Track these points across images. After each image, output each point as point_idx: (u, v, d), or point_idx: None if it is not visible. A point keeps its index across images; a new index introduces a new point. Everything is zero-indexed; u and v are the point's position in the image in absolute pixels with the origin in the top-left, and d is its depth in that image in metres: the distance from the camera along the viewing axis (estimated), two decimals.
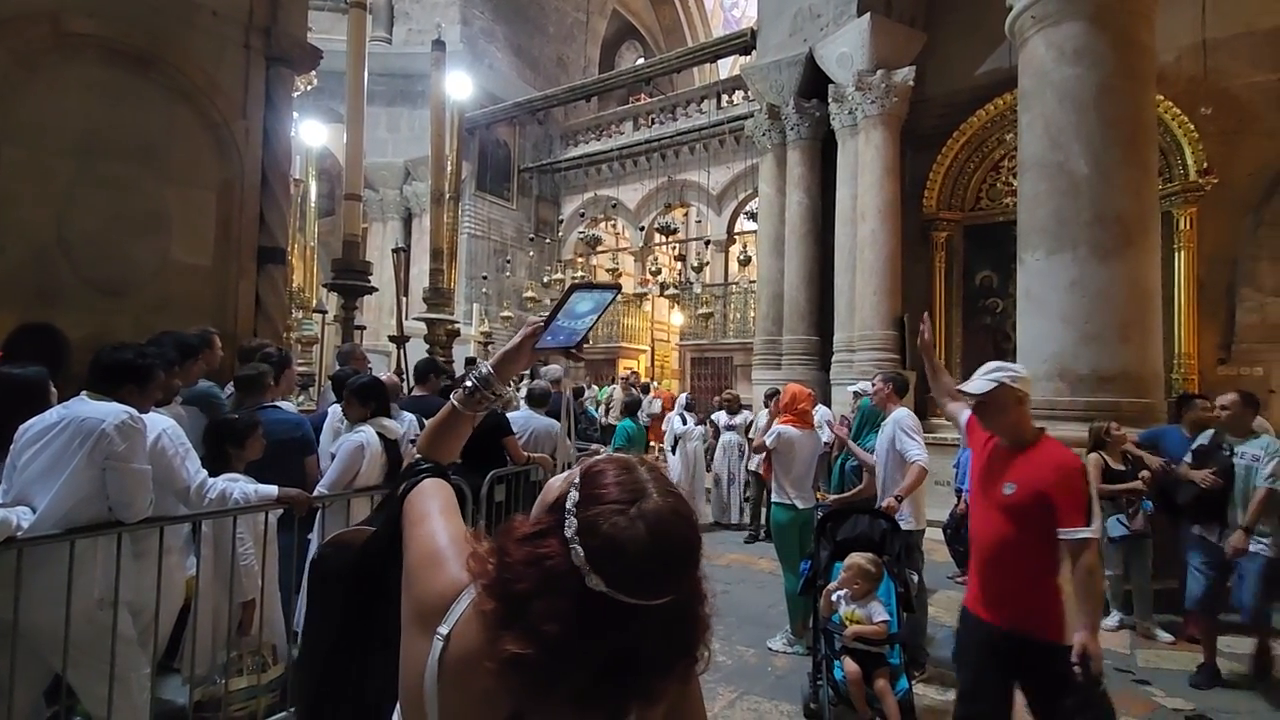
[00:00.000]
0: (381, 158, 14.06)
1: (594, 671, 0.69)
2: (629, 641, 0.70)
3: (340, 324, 6.36)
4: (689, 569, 0.73)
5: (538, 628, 0.69)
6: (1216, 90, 6.71)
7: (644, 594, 0.69)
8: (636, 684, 0.71)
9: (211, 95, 4.76)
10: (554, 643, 0.69)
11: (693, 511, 0.77)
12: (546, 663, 0.68)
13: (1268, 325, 6.94)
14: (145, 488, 2.24)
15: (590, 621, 0.69)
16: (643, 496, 0.73)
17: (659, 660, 0.72)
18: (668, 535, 0.71)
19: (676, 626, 0.73)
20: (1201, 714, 3.35)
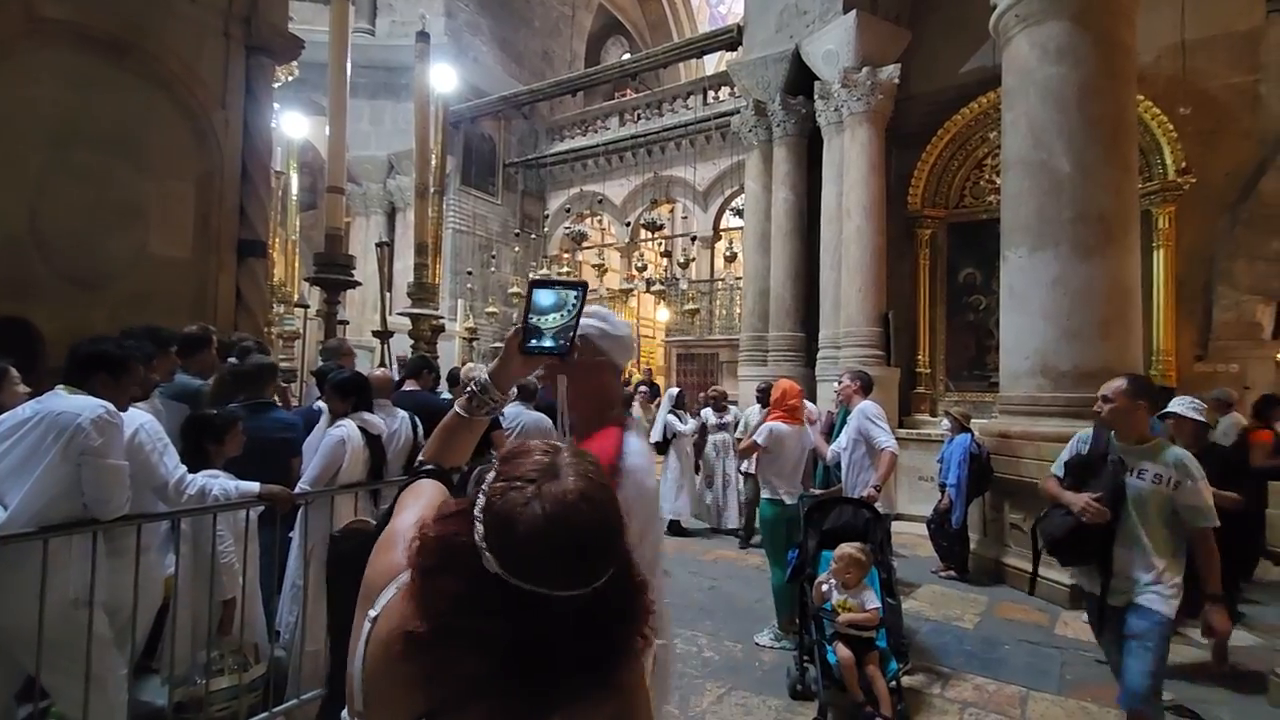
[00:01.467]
0: (364, 151, 13.88)
1: (495, 662, 0.65)
2: (533, 633, 0.65)
3: (323, 319, 6.27)
4: (593, 560, 0.67)
5: (434, 605, 0.67)
6: (1195, 91, 6.81)
7: (538, 580, 0.65)
8: (549, 684, 0.66)
9: (190, 85, 4.67)
10: (445, 621, 0.66)
11: (611, 502, 0.71)
12: (438, 643, 0.66)
13: (1243, 323, 7.08)
14: (122, 484, 2.18)
15: (484, 603, 0.65)
16: (551, 478, 0.69)
17: (576, 660, 0.67)
18: (566, 520, 0.66)
19: (596, 625, 0.68)
20: (1180, 704, 3.40)
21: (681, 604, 4.76)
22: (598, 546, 0.68)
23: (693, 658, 3.85)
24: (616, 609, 0.70)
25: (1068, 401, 5.21)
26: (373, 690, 0.75)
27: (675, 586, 5.17)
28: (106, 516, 2.15)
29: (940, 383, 8.46)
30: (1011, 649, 4.06)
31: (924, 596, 5.04)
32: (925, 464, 6.77)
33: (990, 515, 5.74)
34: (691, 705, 3.26)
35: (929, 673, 3.68)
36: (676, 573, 5.54)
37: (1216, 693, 3.55)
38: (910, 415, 8.19)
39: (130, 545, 2.25)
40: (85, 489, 2.12)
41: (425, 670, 0.67)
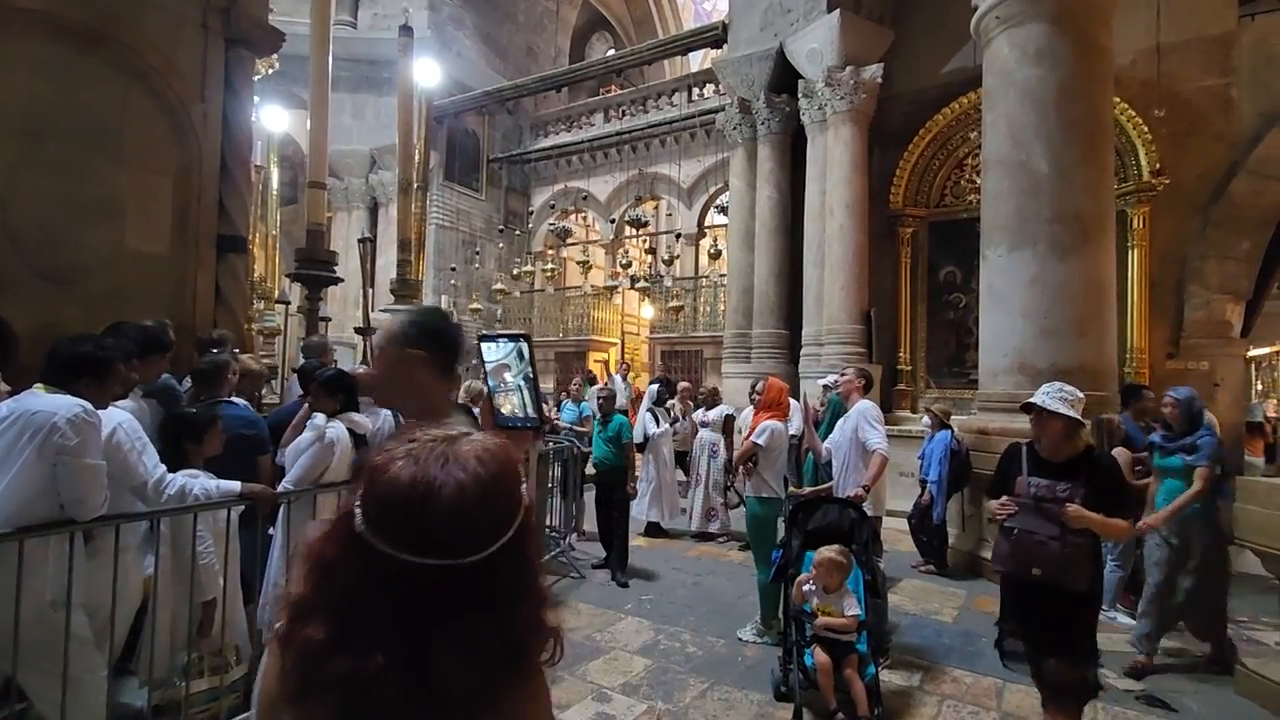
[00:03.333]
0: (346, 145, 13.72)
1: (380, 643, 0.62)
2: (408, 604, 0.62)
3: (304, 315, 6.21)
4: (456, 525, 0.63)
5: (310, 577, 0.66)
6: (1169, 93, 6.94)
7: (398, 542, 0.62)
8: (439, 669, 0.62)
9: (167, 77, 4.59)
10: (316, 595, 0.64)
11: (491, 469, 0.68)
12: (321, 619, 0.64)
13: (1213, 321, 7.24)
14: (99, 484, 2.15)
15: (359, 567, 0.63)
16: (431, 443, 0.68)
17: (461, 650, 0.63)
18: (430, 480, 0.64)
19: (480, 604, 0.64)
20: (1151, 694, 3.49)
21: (665, 600, 4.79)
22: (459, 511, 0.64)
23: (676, 653, 3.87)
24: (500, 591, 0.66)
25: None
26: (267, 708, 0.73)
27: (658, 583, 5.20)
28: (84, 517, 2.12)
29: (921, 380, 8.56)
30: (989, 642, 4.09)
31: (904, 591, 5.11)
32: (906, 460, 6.85)
33: (969, 511, 5.84)
34: (675, 700, 3.28)
35: (909, 667, 3.74)
36: (660, 569, 5.57)
37: (1185, 683, 3.65)
38: (891, 412, 8.27)
39: (109, 545, 2.23)
40: (61, 489, 2.09)
41: (313, 693, 0.64)
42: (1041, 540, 2.54)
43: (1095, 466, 2.61)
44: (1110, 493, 2.57)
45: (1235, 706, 3.39)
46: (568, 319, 14.74)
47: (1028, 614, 2.70)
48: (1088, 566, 2.55)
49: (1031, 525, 2.58)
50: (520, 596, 0.69)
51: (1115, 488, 2.61)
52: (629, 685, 3.44)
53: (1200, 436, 3.71)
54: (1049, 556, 2.53)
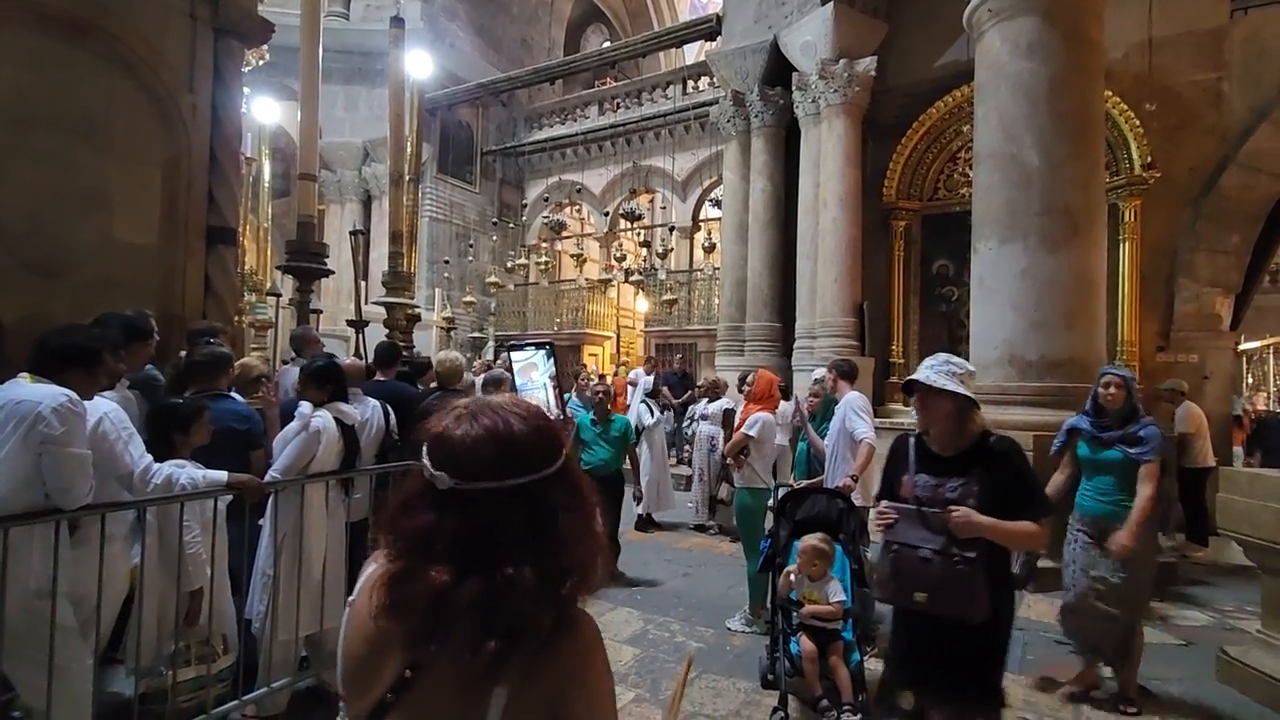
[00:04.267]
0: (339, 137, 13.68)
1: (454, 571, 0.73)
2: (475, 527, 0.75)
3: (295, 308, 6.19)
4: (502, 456, 0.78)
5: (401, 540, 0.78)
6: (1160, 87, 6.95)
7: (457, 470, 0.76)
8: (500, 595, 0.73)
9: (155, 67, 4.56)
10: (408, 543, 0.77)
11: (527, 421, 0.82)
12: (404, 565, 0.76)
13: (1203, 314, 7.28)
14: (84, 473, 2.16)
15: (430, 504, 0.77)
16: (473, 403, 0.84)
17: (520, 553, 0.75)
18: (477, 419, 0.80)
19: (532, 524, 0.77)
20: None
21: (655, 591, 4.82)
22: (508, 445, 0.78)
23: (665, 642, 3.90)
24: (549, 514, 0.78)
25: (1035, 390, 5.34)
26: (351, 665, 0.83)
27: (649, 574, 5.22)
28: (69, 506, 2.12)
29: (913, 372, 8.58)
30: None
31: None
32: None
33: None
34: (663, 689, 3.31)
35: None
36: (651, 561, 5.60)
37: (1168, 669, 3.69)
38: (884, 405, 8.31)
39: (94, 535, 2.23)
40: (46, 478, 2.09)
41: (398, 610, 0.75)
42: (925, 556, 1.99)
43: (991, 456, 2.04)
44: (1013, 488, 2.01)
45: (1216, 692, 3.43)
46: (562, 312, 14.75)
47: (917, 654, 2.14)
48: (984, 589, 1.94)
49: (913, 537, 2.03)
50: (565, 534, 0.79)
51: (1019, 481, 2.03)
52: (618, 674, 3.45)
53: (1144, 426, 3.22)
54: (932, 577, 1.99)
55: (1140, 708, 3.24)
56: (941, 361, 2.11)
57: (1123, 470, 3.23)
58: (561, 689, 0.77)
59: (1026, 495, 2.03)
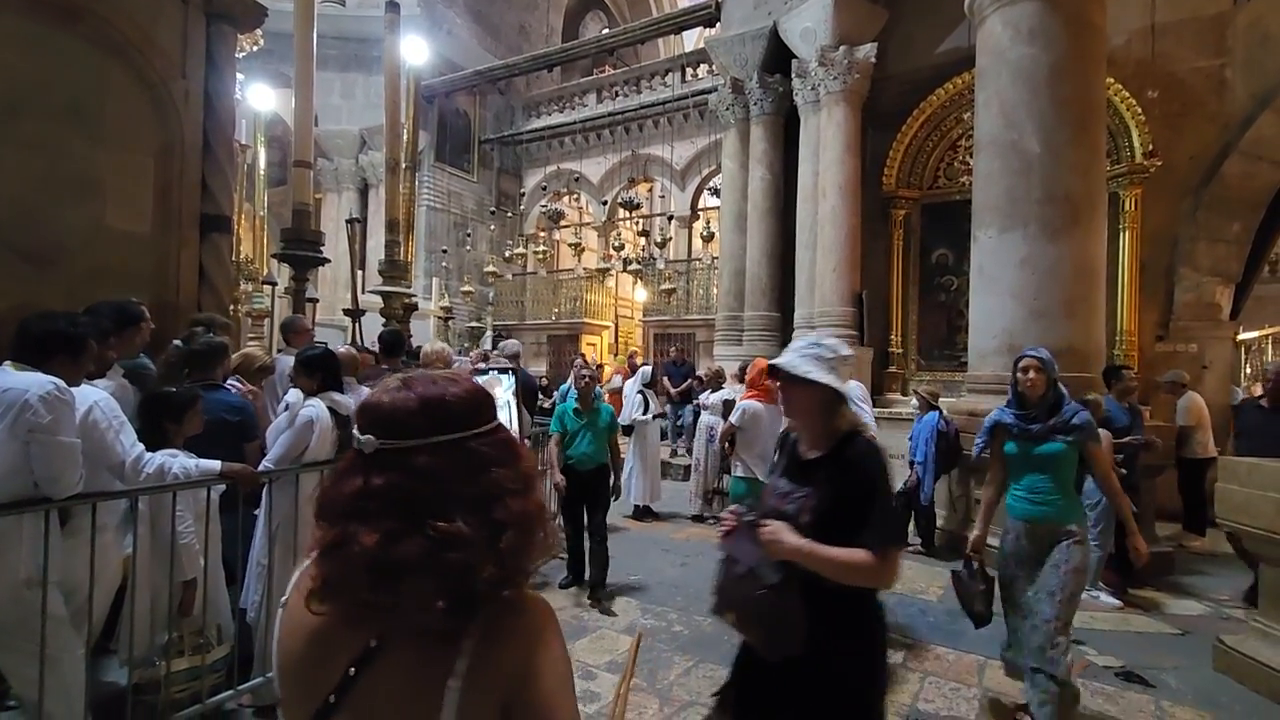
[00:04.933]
0: (335, 125, 13.59)
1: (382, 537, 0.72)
2: (404, 485, 0.75)
3: (291, 296, 6.16)
4: (429, 416, 0.78)
5: (326, 498, 0.79)
6: (1163, 74, 6.89)
7: (384, 431, 0.77)
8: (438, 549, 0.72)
9: (147, 52, 4.50)
10: (337, 500, 0.77)
11: (456, 383, 0.84)
12: (335, 534, 0.75)
13: (1202, 304, 7.26)
14: (73, 462, 2.14)
15: (357, 468, 0.77)
16: (409, 375, 0.85)
17: (452, 520, 0.74)
18: (409, 387, 0.81)
19: (460, 479, 0.77)
20: (1130, 669, 3.54)
21: (653, 581, 4.82)
22: (427, 407, 0.79)
23: (663, 632, 3.90)
24: (480, 468, 0.78)
25: None
26: (289, 667, 0.80)
27: (646, 565, 5.22)
28: (58, 495, 2.11)
29: (912, 362, 8.57)
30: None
31: None
32: (897, 442, 6.85)
33: (956, 491, 5.87)
34: (659, 679, 3.31)
35: (893, 644, 3.76)
36: (648, 551, 5.60)
37: (1165, 658, 3.70)
38: (882, 394, 8.30)
39: (85, 525, 2.21)
40: (35, 467, 2.07)
41: (335, 584, 0.74)
42: (740, 573, 1.65)
43: (841, 462, 1.66)
44: (852, 504, 1.60)
45: (1212, 682, 3.44)
46: (560, 302, 14.70)
47: (743, 691, 1.76)
48: (796, 620, 1.56)
49: (738, 550, 1.69)
50: (499, 488, 0.78)
51: (862, 496, 1.61)
52: (614, 664, 3.47)
53: (1075, 413, 2.85)
54: (743, 597, 1.63)
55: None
56: (808, 344, 1.75)
57: (1059, 465, 2.84)
58: (516, 676, 0.75)
59: (864, 515, 1.58)
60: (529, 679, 0.75)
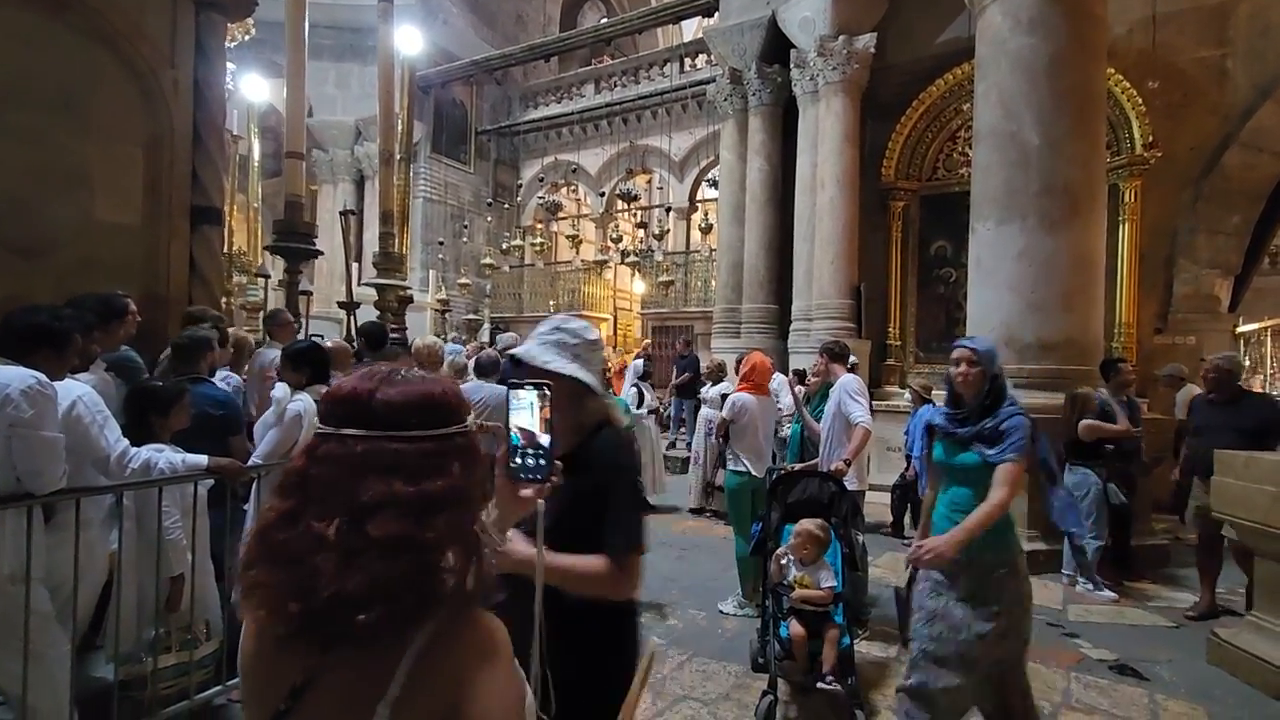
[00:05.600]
0: (331, 115, 13.49)
1: (334, 526, 0.68)
2: (345, 478, 0.71)
3: (285, 289, 6.12)
4: (386, 408, 0.74)
5: (281, 479, 0.76)
6: (1164, 64, 6.83)
7: (338, 421, 0.74)
8: (372, 550, 0.68)
9: (135, 41, 4.45)
10: (281, 488, 0.74)
11: (425, 383, 0.79)
12: (276, 504, 0.72)
13: (1201, 296, 7.23)
14: (56, 457, 2.11)
15: (315, 454, 0.74)
16: (377, 369, 0.81)
17: (398, 507, 0.70)
18: (374, 381, 0.77)
19: (405, 480, 0.71)
20: (1124, 663, 3.53)
21: (648, 574, 4.77)
22: (359, 400, 0.75)
23: (657, 626, 3.89)
24: (429, 475, 0.73)
25: (1031, 373, 5.30)
26: (246, 667, 0.78)
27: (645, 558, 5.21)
28: (41, 490, 2.08)
29: (910, 354, 8.55)
30: None
31: (885, 563, 5.15)
32: (894, 435, 6.88)
33: None
34: (652, 673, 3.30)
35: (887, 639, 3.76)
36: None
37: (1159, 651, 3.69)
38: (880, 387, 8.28)
39: (69, 520, 2.19)
40: (17, 462, 2.05)
41: (268, 561, 0.70)
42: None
43: (582, 459, 1.43)
44: (592, 504, 1.43)
45: (1207, 675, 3.43)
46: (558, 294, 14.66)
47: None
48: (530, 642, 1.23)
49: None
50: (443, 504, 0.73)
51: (603, 496, 1.45)
52: None
53: (1007, 417, 2.33)
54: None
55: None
56: (550, 328, 1.53)
57: (980, 480, 2.36)
58: (452, 700, 0.70)
59: (600, 516, 1.43)
60: (466, 704, 0.70)
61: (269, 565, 0.70)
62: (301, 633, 0.68)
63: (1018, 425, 2.33)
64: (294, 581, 0.68)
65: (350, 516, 0.69)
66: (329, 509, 0.70)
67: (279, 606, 0.68)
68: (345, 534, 0.68)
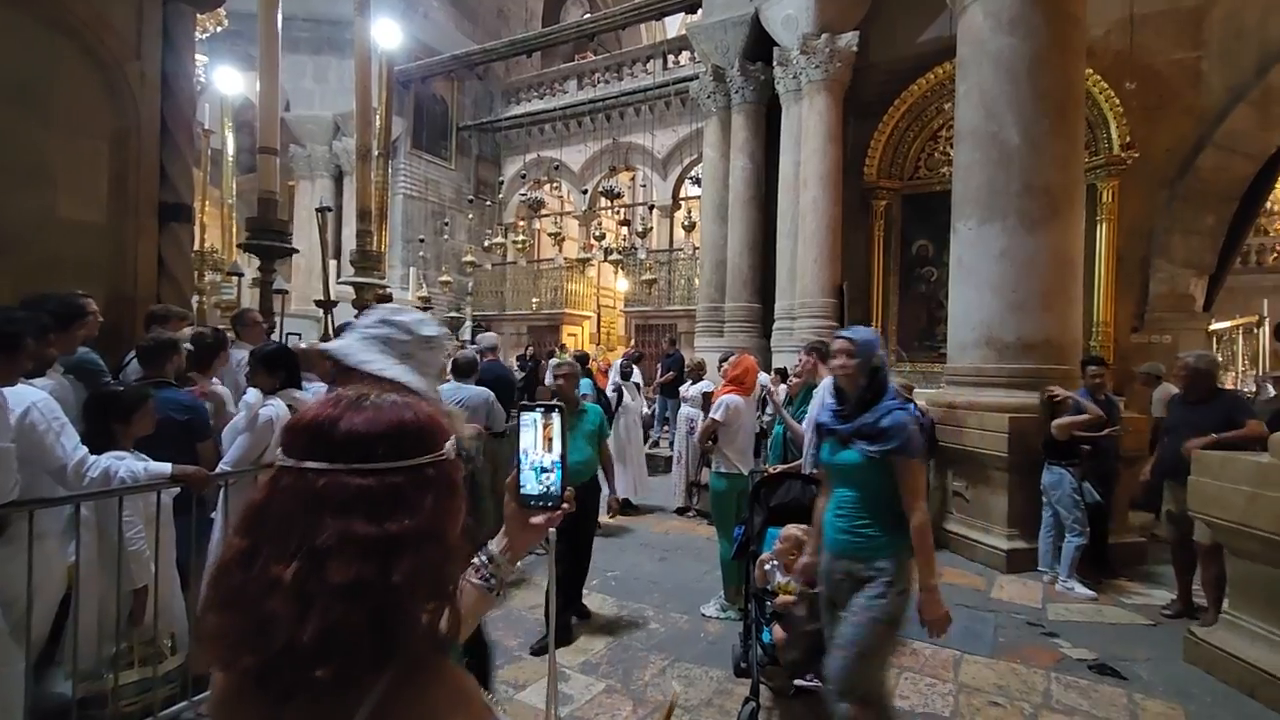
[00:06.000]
0: (308, 110, 13.26)
1: (279, 562, 0.62)
2: (303, 515, 0.64)
3: (260, 288, 5.98)
4: (348, 439, 0.67)
5: (241, 514, 0.69)
6: (1141, 66, 6.90)
7: (300, 453, 0.67)
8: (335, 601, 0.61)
9: (99, 31, 4.30)
10: (239, 524, 0.68)
11: (398, 410, 0.71)
12: (235, 542, 0.66)
13: (1177, 295, 7.33)
14: (6, 468, 2.02)
15: (273, 488, 0.67)
16: (348, 393, 0.74)
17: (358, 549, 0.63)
18: (339, 408, 0.70)
19: (371, 535, 0.64)
20: (1103, 662, 3.55)
21: (630, 577, 4.77)
22: (327, 428, 0.68)
23: (639, 630, 3.85)
24: (391, 510, 0.66)
25: (1011, 372, 5.33)
26: (216, 716, 0.72)
27: (625, 560, 5.17)
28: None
29: (893, 353, 8.57)
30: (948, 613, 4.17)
31: None
32: None
33: (934, 483, 5.87)
34: (634, 679, 3.26)
35: None
36: (626, 545, 5.55)
37: (1137, 650, 3.72)
38: None
39: (23, 532, 2.09)
40: None
41: (225, 607, 0.64)
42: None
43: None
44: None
45: (1184, 674, 3.46)
46: (541, 292, 14.55)
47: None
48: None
49: None
50: (411, 544, 0.66)
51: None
52: (589, 664, 3.41)
53: (887, 413, 2.18)
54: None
55: None
56: (375, 321, 1.33)
57: (864, 481, 2.24)
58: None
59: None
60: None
61: (222, 611, 0.64)
62: (258, 685, 0.63)
63: (898, 422, 2.17)
64: (247, 630, 0.62)
65: (308, 558, 0.63)
66: (286, 550, 0.63)
67: (233, 658, 0.63)
68: (302, 578, 0.62)
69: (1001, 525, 5.20)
